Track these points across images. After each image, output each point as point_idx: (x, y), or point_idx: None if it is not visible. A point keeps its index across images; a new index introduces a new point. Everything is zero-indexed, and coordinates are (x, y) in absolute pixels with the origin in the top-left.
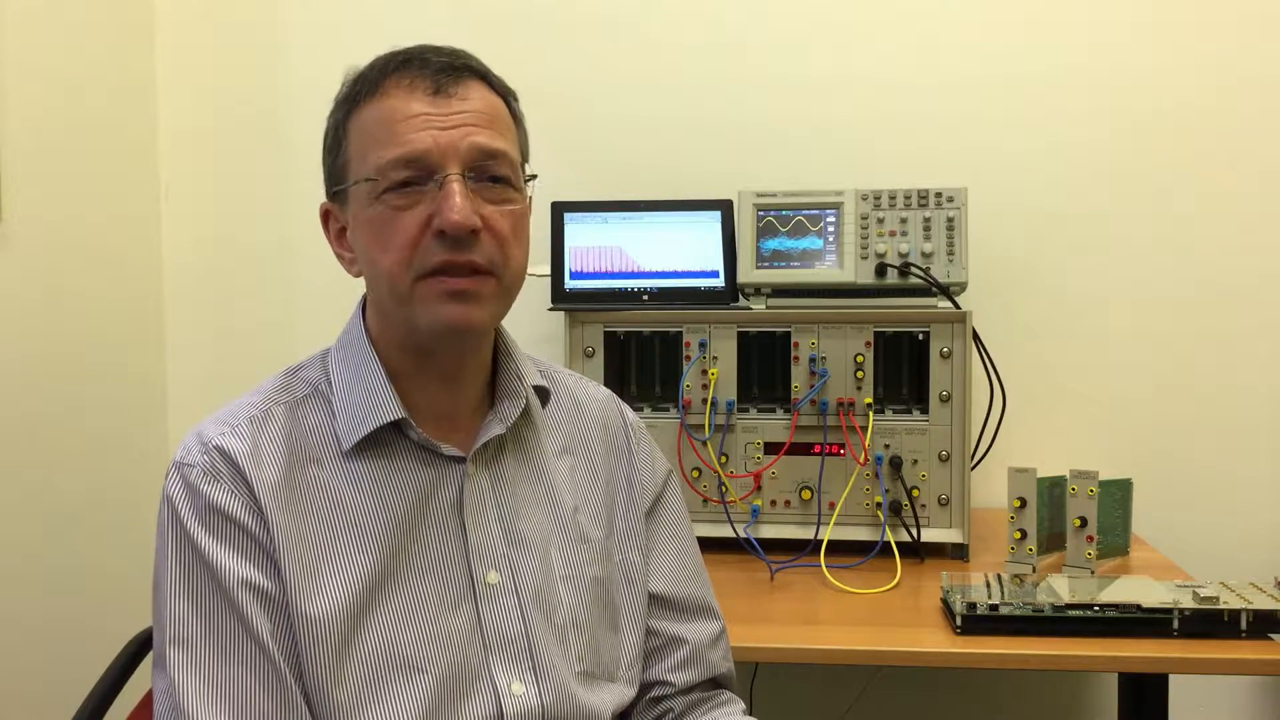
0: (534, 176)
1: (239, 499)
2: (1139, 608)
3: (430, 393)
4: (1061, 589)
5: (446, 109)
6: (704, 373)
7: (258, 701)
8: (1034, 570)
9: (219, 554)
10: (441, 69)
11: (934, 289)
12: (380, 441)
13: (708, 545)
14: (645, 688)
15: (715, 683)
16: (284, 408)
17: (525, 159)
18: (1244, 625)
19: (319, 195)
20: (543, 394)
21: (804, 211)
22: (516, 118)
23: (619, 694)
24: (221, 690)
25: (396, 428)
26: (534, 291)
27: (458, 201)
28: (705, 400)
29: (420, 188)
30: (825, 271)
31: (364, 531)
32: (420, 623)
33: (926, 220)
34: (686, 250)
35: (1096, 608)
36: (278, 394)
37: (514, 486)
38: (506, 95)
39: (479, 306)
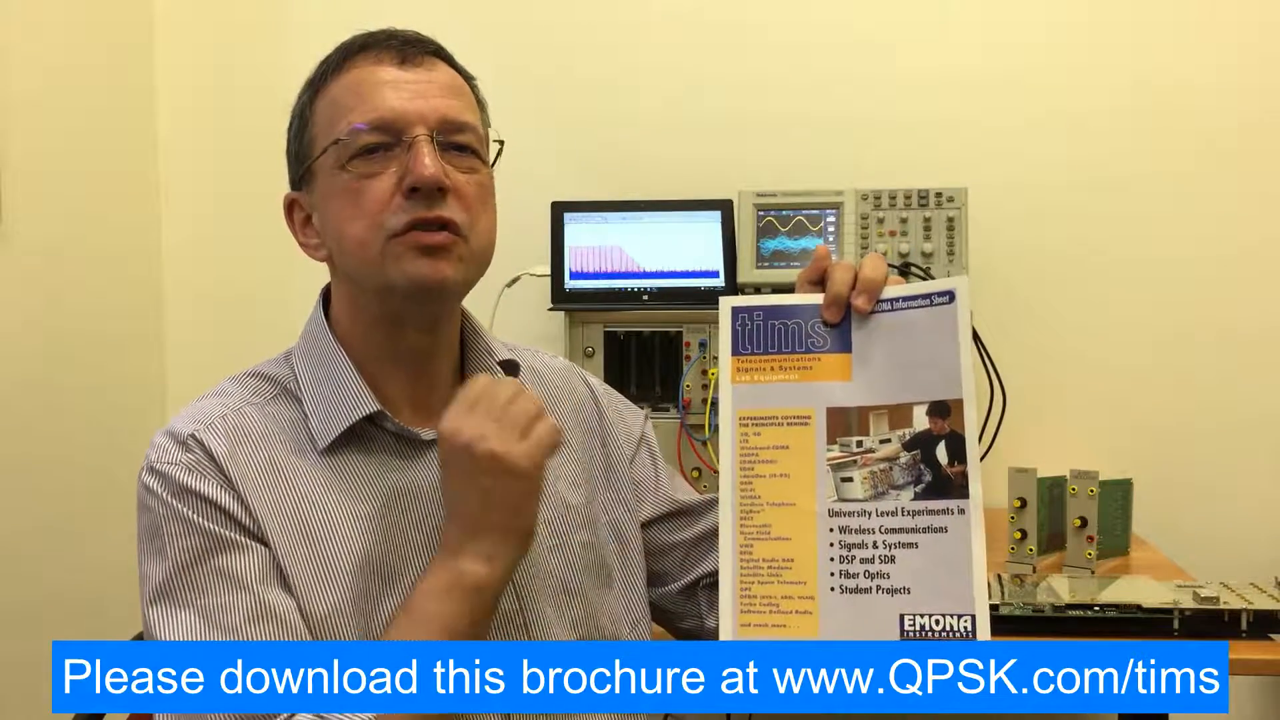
0: (501, 143)
1: (228, 494)
2: (1139, 608)
3: (401, 379)
4: (1062, 589)
5: (414, 77)
6: (704, 373)
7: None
8: (1034, 570)
9: (227, 559)
10: (407, 42)
11: None
12: (357, 435)
13: None
14: (694, 584)
15: None
16: (254, 408)
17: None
18: (1244, 625)
19: None
20: (511, 368)
21: (804, 211)
22: (480, 101)
23: None
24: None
25: (371, 420)
26: (534, 291)
27: (427, 160)
28: (705, 400)
29: (388, 152)
30: None
31: (352, 528)
32: None
33: (926, 220)
34: (686, 250)
35: (1096, 608)
36: (247, 396)
37: None
38: (469, 78)
39: (450, 264)
